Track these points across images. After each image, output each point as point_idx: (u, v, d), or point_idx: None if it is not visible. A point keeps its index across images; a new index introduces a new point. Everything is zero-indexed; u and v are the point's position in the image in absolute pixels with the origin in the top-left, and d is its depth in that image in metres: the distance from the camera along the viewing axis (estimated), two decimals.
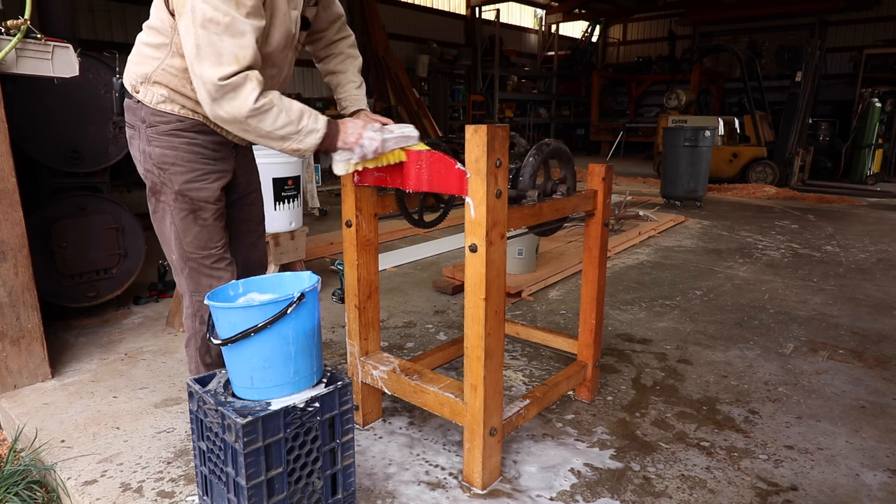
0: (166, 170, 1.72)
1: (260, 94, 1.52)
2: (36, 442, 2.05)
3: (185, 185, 1.73)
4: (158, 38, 1.66)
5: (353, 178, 1.95)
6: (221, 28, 1.46)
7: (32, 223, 2.72)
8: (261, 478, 1.38)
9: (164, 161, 1.71)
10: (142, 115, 1.72)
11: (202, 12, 1.45)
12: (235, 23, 1.47)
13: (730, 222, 6.42)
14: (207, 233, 1.79)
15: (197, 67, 1.49)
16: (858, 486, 1.85)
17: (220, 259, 1.84)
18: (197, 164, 1.73)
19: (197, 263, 1.81)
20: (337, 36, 1.99)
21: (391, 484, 1.83)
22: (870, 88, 10.56)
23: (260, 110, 1.53)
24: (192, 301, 1.86)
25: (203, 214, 1.77)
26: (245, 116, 1.52)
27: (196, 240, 1.79)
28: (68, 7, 3.03)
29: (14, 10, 2.52)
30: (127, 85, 1.76)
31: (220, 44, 1.47)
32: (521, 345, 2.93)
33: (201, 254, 1.80)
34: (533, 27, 18.31)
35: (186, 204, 1.75)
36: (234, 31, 1.47)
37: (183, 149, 1.71)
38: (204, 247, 1.80)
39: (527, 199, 1.92)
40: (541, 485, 1.84)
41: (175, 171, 1.72)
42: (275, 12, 1.61)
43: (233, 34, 1.48)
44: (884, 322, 3.31)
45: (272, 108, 1.55)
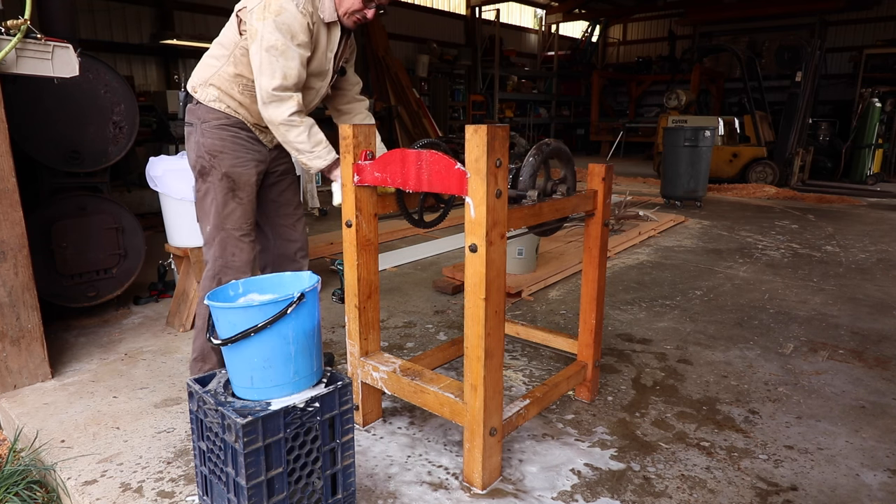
0: (216, 156, 2.17)
1: (295, 113, 2.04)
2: (36, 442, 2.05)
3: (230, 168, 2.18)
4: (222, 50, 2.16)
5: (353, 178, 1.96)
6: (278, 53, 2.00)
7: (32, 223, 2.72)
8: (261, 478, 1.38)
9: (214, 149, 2.17)
10: (199, 114, 2.19)
11: (267, 40, 1.99)
12: (288, 50, 2.01)
13: (730, 222, 6.42)
14: (241, 210, 2.21)
15: (258, 79, 2.03)
16: (858, 486, 1.85)
17: (246, 234, 2.24)
18: (240, 152, 2.20)
19: (227, 234, 2.21)
20: (357, 97, 2.51)
21: (393, 484, 1.83)
22: (870, 88, 10.57)
23: (290, 123, 2.05)
24: (215, 265, 2.23)
25: (240, 194, 2.21)
26: (279, 122, 2.05)
27: (231, 214, 2.20)
28: (68, 7, 3.03)
29: (14, 10, 2.52)
30: (189, 89, 2.22)
31: (275, 64, 2.00)
32: (521, 345, 2.93)
33: (233, 226, 2.21)
34: (533, 27, 18.31)
35: (229, 184, 2.18)
36: (286, 56, 2.01)
37: (229, 140, 2.18)
38: (236, 221, 2.21)
39: (527, 199, 1.92)
40: (541, 485, 1.84)
41: (223, 157, 2.17)
42: (316, 48, 2.15)
43: (285, 58, 2.01)
44: (884, 322, 3.31)
45: (299, 126, 2.07)
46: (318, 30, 2.13)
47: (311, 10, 2.07)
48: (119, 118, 3.21)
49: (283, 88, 2.02)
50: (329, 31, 2.17)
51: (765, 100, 10.13)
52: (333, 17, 2.14)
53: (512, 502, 1.75)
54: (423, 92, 13.15)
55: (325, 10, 2.12)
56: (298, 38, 2.02)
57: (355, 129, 1.94)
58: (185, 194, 2.94)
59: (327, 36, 2.17)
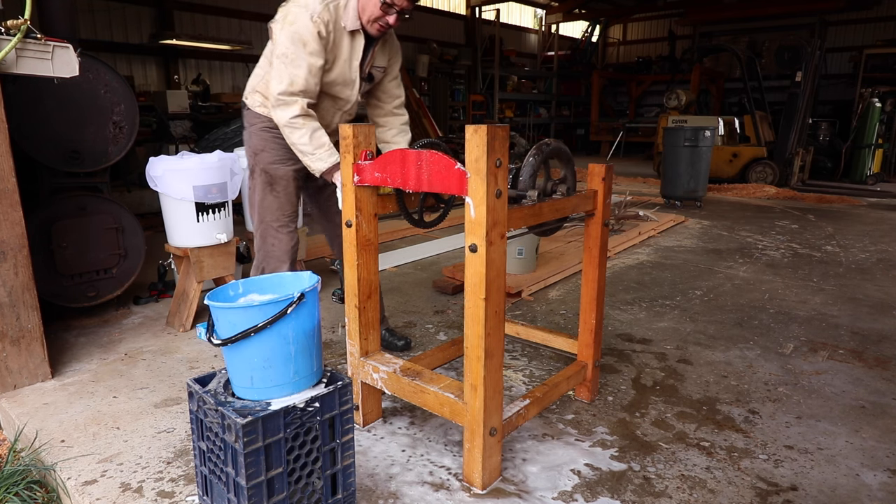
0: (258, 154, 2.40)
1: (298, 116, 2.15)
2: (36, 442, 2.05)
3: (267, 164, 2.39)
4: (264, 61, 2.37)
5: (353, 178, 1.96)
6: (288, 60, 2.14)
7: (32, 223, 2.72)
8: (261, 478, 1.38)
9: (256, 148, 2.40)
10: (248, 119, 2.44)
11: (280, 48, 2.16)
12: (298, 58, 2.14)
13: (730, 222, 6.42)
14: (278, 203, 2.41)
15: (270, 84, 2.20)
16: (858, 486, 1.85)
17: (283, 225, 2.42)
18: (278, 151, 2.38)
19: (266, 225, 2.42)
20: (395, 111, 2.58)
21: (394, 484, 1.83)
22: (870, 88, 10.56)
23: (292, 125, 2.17)
24: (259, 255, 2.46)
25: (276, 188, 2.40)
26: (283, 124, 2.19)
27: (269, 207, 2.41)
28: (68, 7, 3.03)
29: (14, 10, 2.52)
30: (244, 98, 2.47)
31: (284, 70, 2.14)
32: (521, 345, 2.93)
33: (270, 218, 2.41)
34: (533, 27, 18.31)
35: (266, 179, 2.40)
36: (295, 63, 2.14)
37: (270, 140, 2.37)
38: (273, 213, 2.41)
39: (527, 199, 1.92)
40: (542, 484, 1.84)
41: (263, 155, 2.40)
42: (337, 55, 2.26)
43: (294, 66, 2.14)
44: (884, 322, 3.31)
45: (301, 128, 2.17)
46: (339, 38, 2.22)
47: (328, 20, 2.16)
48: (119, 118, 3.21)
49: (288, 93, 2.14)
50: (353, 39, 2.26)
51: (765, 100, 10.13)
52: (356, 25, 2.22)
53: (513, 502, 1.75)
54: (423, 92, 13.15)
55: (347, 19, 2.20)
56: (309, 47, 2.14)
57: (355, 128, 1.94)
58: (185, 194, 2.94)
59: (350, 44, 2.26)
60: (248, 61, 10.01)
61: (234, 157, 3.16)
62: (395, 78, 2.54)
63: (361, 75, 2.35)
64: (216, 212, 3.05)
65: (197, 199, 2.96)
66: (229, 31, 9.79)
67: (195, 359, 2.76)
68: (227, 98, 9.07)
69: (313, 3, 2.14)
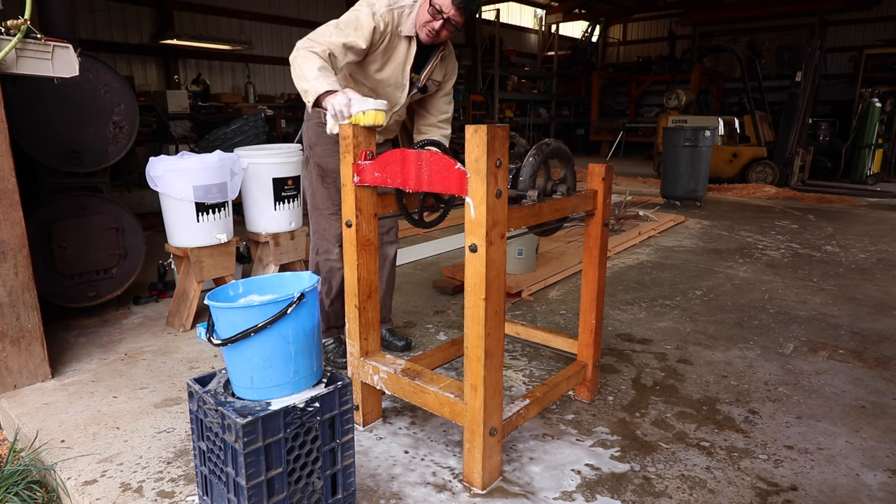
0: (312, 148, 2.59)
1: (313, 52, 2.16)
2: (36, 442, 2.05)
3: (320, 158, 2.56)
4: None
5: (353, 178, 1.96)
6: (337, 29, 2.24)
7: (32, 223, 2.72)
8: (261, 478, 1.38)
9: (311, 142, 2.60)
10: (306, 114, 2.60)
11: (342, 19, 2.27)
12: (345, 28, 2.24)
13: (730, 222, 6.42)
14: (328, 193, 2.58)
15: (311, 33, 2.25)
16: (858, 486, 1.85)
17: (333, 213, 2.60)
18: (330, 146, 2.50)
19: (318, 212, 2.63)
20: (439, 125, 2.68)
21: (396, 485, 1.83)
22: (870, 88, 10.56)
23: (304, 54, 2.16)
24: (313, 238, 2.69)
25: (328, 180, 2.57)
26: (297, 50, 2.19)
27: (321, 196, 2.60)
28: (68, 7, 3.03)
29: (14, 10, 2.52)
30: None
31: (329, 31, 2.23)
32: (521, 345, 2.93)
33: (323, 205, 2.61)
34: (533, 27, 18.31)
35: (319, 171, 2.58)
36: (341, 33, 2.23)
37: (323, 135, 2.50)
38: (324, 202, 2.60)
39: (527, 199, 1.92)
40: (542, 484, 1.84)
41: (316, 149, 2.58)
42: (391, 56, 2.39)
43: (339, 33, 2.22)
44: (884, 322, 3.31)
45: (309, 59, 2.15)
46: (396, 42, 2.37)
47: (388, 21, 2.31)
48: (119, 118, 3.21)
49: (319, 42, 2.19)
50: (409, 44, 2.39)
51: (765, 100, 10.12)
52: (412, 31, 2.35)
53: (514, 502, 1.75)
54: None
55: (406, 25, 2.35)
56: (360, 32, 2.26)
57: (355, 129, 1.94)
58: (185, 194, 2.94)
59: (406, 49, 2.39)
60: (248, 61, 10.01)
61: (234, 157, 3.16)
62: (446, 94, 2.66)
63: (417, 83, 2.47)
64: (216, 212, 3.05)
65: (197, 199, 2.96)
66: (229, 31, 9.79)
67: (195, 359, 2.76)
68: (227, 98, 9.07)
69: (380, 4, 2.31)
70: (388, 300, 2.89)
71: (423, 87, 2.52)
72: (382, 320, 2.87)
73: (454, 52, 2.61)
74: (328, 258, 2.65)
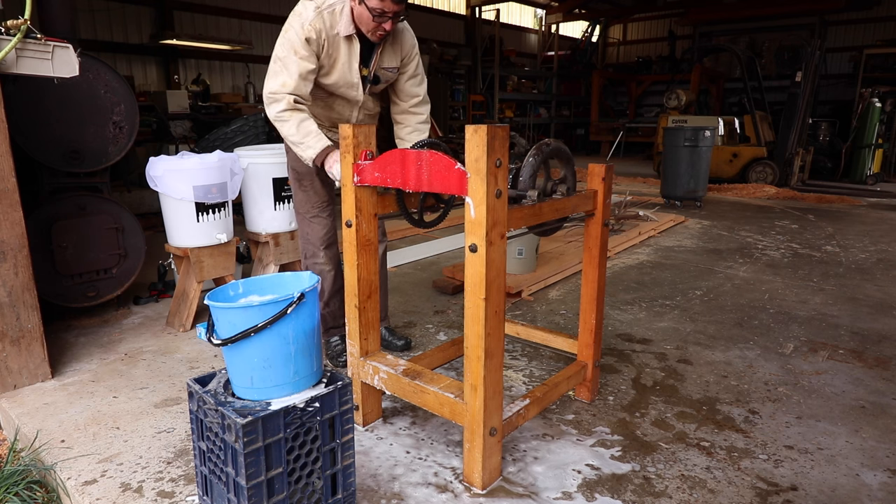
0: (288, 152, 2.57)
1: (285, 110, 2.26)
2: (36, 442, 2.05)
3: (293, 161, 2.55)
4: None
5: (353, 178, 1.96)
6: (281, 64, 2.27)
7: (32, 223, 2.72)
8: (261, 478, 1.38)
9: (287, 148, 2.54)
10: None
11: (276, 53, 2.30)
12: (288, 63, 2.26)
13: (730, 222, 6.42)
14: (306, 196, 2.57)
15: (265, 84, 2.33)
16: (858, 486, 1.85)
17: (314, 216, 2.59)
18: None
19: (300, 216, 2.63)
20: (412, 110, 2.62)
21: (398, 485, 1.83)
22: (870, 88, 10.56)
23: (280, 119, 2.29)
24: (300, 241, 2.70)
25: (304, 183, 2.56)
26: (273, 119, 2.30)
27: (300, 200, 2.60)
28: (68, 7, 3.03)
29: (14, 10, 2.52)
30: None
31: (277, 73, 2.28)
32: (521, 345, 2.93)
33: (303, 209, 2.60)
34: (533, 27, 18.31)
35: (295, 175, 2.58)
36: (286, 67, 2.26)
37: None
38: (304, 205, 2.59)
39: (527, 199, 1.92)
40: (543, 484, 1.84)
41: (290, 155, 2.56)
42: (335, 58, 2.35)
43: (286, 69, 2.26)
44: (884, 322, 3.31)
45: (288, 121, 2.28)
46: (336, 44, 2.33)
47: (320, 28, 2.27)
48: (119, 118, 3.21)
49: (279, 93, 2.27)
50: (349, 43, 2.35)
51: (765, 100, 10.13)
52: (350, 30, 2.31)
53: (514, 502, 1.75)
54: None
55: (341, 26, 2.31)
56: (299, 52, 2.26)
57: (355, 129, 1.94)
58: (185, 194, 2.94)
59: (348, 49, 2.36)
60: (247, 61, 10.01)
61: (234, 157, 3.16)
62: (412, 76, 2.57)
63: (368, 78, 2.44)
64: (216, 212, 3.05)
65: (197, 199, 2.97)
66: (229, 31, 9.79)
67: (195, 359, 2.76)
68: (226, 98, 9.07)
69: (307, 12, 2.27)
70: (385, 299, 2.89)
71: (376, 79, 2.46)
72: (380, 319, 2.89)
73: (407, 31, 2.50)
74: (315, 261, 2.64)
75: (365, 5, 2.20)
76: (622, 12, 17.04)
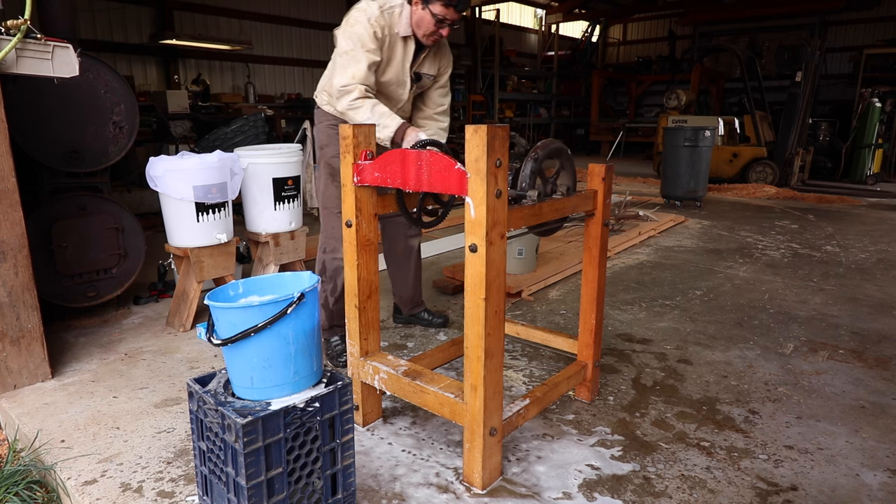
0: (322, 149, 2.67)
1: (357, 98, 2.35)
2: (36, 442, 2.05)
3: (330, 158, 2.63)
4: (330, 63, 2.61)
5: (353, 178, 1.96)
6: (349, 57, 2.38)
7: (32, 223, 2.72)
8: (261, 478, 1.38)
9: (321, 143, 2.68)
10: (317, 116, 2.73)
11: (343, 47, 2.41)
12: (357, 55, 2.37)
13: (730, 222, 6.42)
14: (338, 192, 2.58)
15: (333, 79, 2.45)
16: (858, 486, 1.85)
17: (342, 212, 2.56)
18: (337, 146, 2.53)
19: (327, 210, 2.69)
20: (435, 117, 2.81)
21: (399, 485, 1.83)
22: (870, 88, 10.56)
23: (353, 107, 2.36)
24: (322, 236, 2.74)
25: (338, 179, 2.60)
26: (345, 109, 2.38)
27: (331, 196, 2.66)
28: (68, 7, 3.03)
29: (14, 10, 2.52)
30: (314, 96, 2.77)
31: (346, 66, 2.38)
32: (521, 345, 2.93)
33: (331, 204, 2.66)
34: (533, 27, 18.30)
35: (329, 171, 2.64)
36: (355, 59, 2.37)
37: (334, 137, 2.60)
38: (333, 201, 2.65)
39: (527, 199, 1.92)
40: (544, 484, 1.84)
41: (326, 150, 2.66)
42: (392, 56, 2.50)
43: (355, 62, 2.37)
44: (884, 322, 3.31)
45: (361, 107, 2.35)
46: (394, 42, 2.48)
47: (384, 24, 2.42)
48: (119, 118, 3.21)
49: (349, 85, 2.36)
50: (405, 44, 2.51)
51: (765, 100, 10.12)
52: (408, 32, 2.47)
53: (517, 502, 1.75)
54: None
55: (401, 26, 2.46)
56: (367, 46, 2.38)
57: (355, 129, 1.94)
58: (185, 194, 2.94)
59: (403, 49, 2.51)
60: (247, 61, 10.01)
61: (235, 157, 3.16)
62: (441, 87, 2.77)
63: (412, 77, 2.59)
64: (216, 212, 3.05)
65: (197, 199, 2.96)
66: (229, 31, 9.79)
67: (195, 359, 2.76)
68: (227, 98, 9.07)
69: (371, 9, 2.41)
70: (419, 285, 3.09)
71: (417, 77, 2.63)
72: (417, 304, 3.13)
73: (446, 45, 2.71)
74: (335, 257, 2.69)
75: (429, 10, 2.37)
76: (622, 12, 17.05)
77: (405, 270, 3.02)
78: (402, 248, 2.95)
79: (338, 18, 2.56)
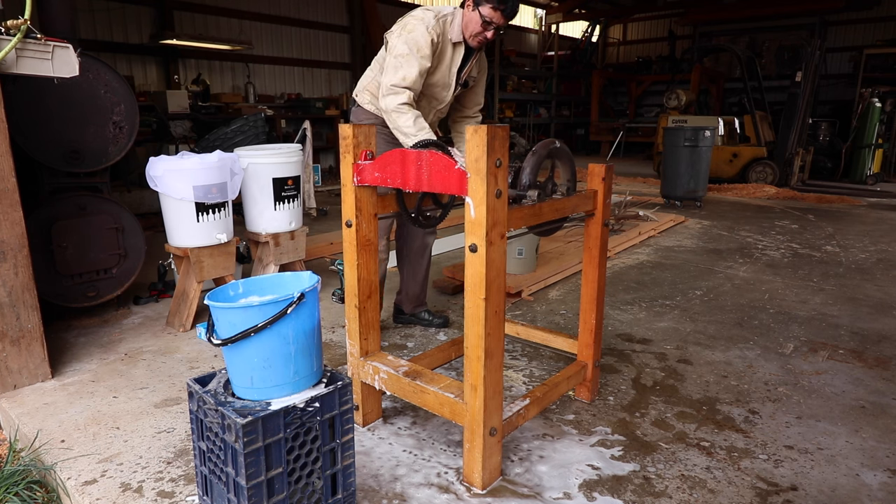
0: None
1: (405, 104, 2.49)
2: (36, 442, 2.05)
3: None
4: (376, 65, 2.76)
5: (353, 178, 1.95)
6: (403, 59, 2.51)
7: (32, 223, 2.72)
8: (261, 478, 1.38)
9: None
10: (357, 115, 2.83)
11: (398, 50, 2.53)
12: (411, 60, 2.51)
13: (730, 222, 6.42)
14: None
15: (383, 78, 2.56)
16: (858, 486, 1.85)
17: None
18: (381, 145, 2.61)
19: None
20: (472, 114, 2.98)
21: (399, 486, 1.83)
22: (870, 88, 10.55)
23: (399, 111, 2.49)
24: None
25: None
26: (391, 109, 2.50)
27: None
28: (68, 7, 3.03)
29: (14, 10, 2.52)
30: (354, 96, 2.88)
31: (399, 68, 2.52)
32: (521, 345, 2.93)
33: None
34: (533, 27, 18.30)
35: None
36: (409, 63, 2.51)
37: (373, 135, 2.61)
38: None
39: (527, 199, 1.92)
40: (543, 484, 1.84)
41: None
42: (441, 61, 2.64)
43: (408, 65, 2.51)
44: (884, 322, 3.31)
45: (406, 114, 2.49)
46: (445, 48, 2.63)
47: (440, 32, 2.57)
48: (119, 118, 3.21)
49: (400, 86, 2.49)
50: (454, 49, 2.65)
51: (765, 100, 10.12)
52: (460, 38, 2.62)
53: (516, 502, 1.75)
54: None
55: (453, 32, 2.61)
56: (422, 52, 2.52)
57: (355, 129, 1.94)
58: (185, 194, 2.94)
59: (452, 53, 2.66)
60: (248, 61, 10.01)
61: (235, 157, 3.16)
62: (480, 87, 2.93)
63: (458, 81, 2.73)
64: (216, 212, 3.05)
65: (197, 199, 2.96)
66: (229, 31, 9.78)
67: (195, 359, 2.76)
68: (227, 98, 9.06)
69: (428, 17, 2.55)
70: (426, 284, 3.15)
71: (465, 83, 2.79)
72: (421, 303, 3.17)
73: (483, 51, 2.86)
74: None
75: (479, 12, 2.50)
76: (622, 12, 17.04)
77: (417, 267, 3.07)
78: (419, 244, 3.02)
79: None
